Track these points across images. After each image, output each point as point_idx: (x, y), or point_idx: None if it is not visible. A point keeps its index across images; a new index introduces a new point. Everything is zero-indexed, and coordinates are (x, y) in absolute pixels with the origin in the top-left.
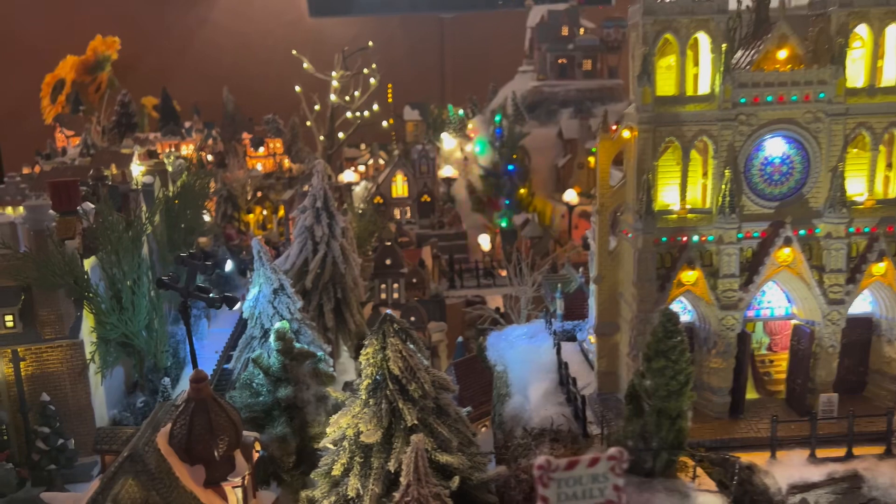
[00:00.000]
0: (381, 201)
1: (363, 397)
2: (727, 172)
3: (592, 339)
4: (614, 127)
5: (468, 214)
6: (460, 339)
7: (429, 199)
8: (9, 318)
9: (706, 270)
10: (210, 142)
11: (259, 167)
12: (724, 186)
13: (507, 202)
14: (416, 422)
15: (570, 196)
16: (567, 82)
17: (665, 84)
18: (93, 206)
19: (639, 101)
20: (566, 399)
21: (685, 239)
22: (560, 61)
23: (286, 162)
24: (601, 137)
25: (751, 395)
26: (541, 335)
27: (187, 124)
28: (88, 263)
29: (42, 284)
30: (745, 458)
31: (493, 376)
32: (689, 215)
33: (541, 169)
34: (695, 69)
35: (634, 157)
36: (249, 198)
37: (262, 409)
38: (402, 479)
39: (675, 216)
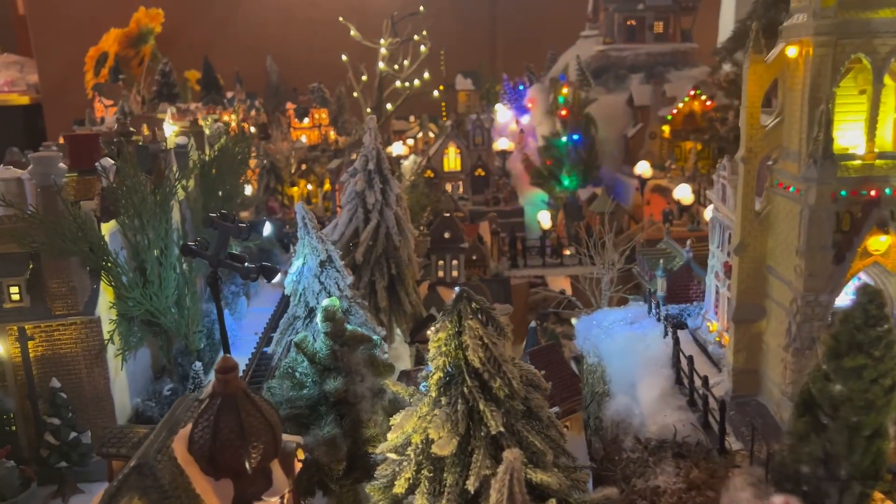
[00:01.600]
0: (433, 175)
1: (433, 395)
2: None
3: (712, 326)
4: (692, 93)
5: (525, 190)
6: (533, 324)
7: (483, 174)
8: (14, 289)
9: None
10: (253, 112)
11: (304, 139)
12: None
13: (571, 175)
14: (501, 429)
15: (643, 168)
16: (636, 46)
17: None
18: (113, 162)
19: (816, 4)
20: (688, 402)
21: (874, 192)
22: (629, 23)
23: (332, 134)
24: (752, 59)
25: None
26: (643, 321)
27: (229, 94)
28: (107, 228)
29: (51, 251)
30: None
31: (582, 369)
32: (879, 162)
33: (608, 139)
34: None
35: (804, 83)
36: (293, 170)
37: (307, 404)
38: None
39: (858, 163)
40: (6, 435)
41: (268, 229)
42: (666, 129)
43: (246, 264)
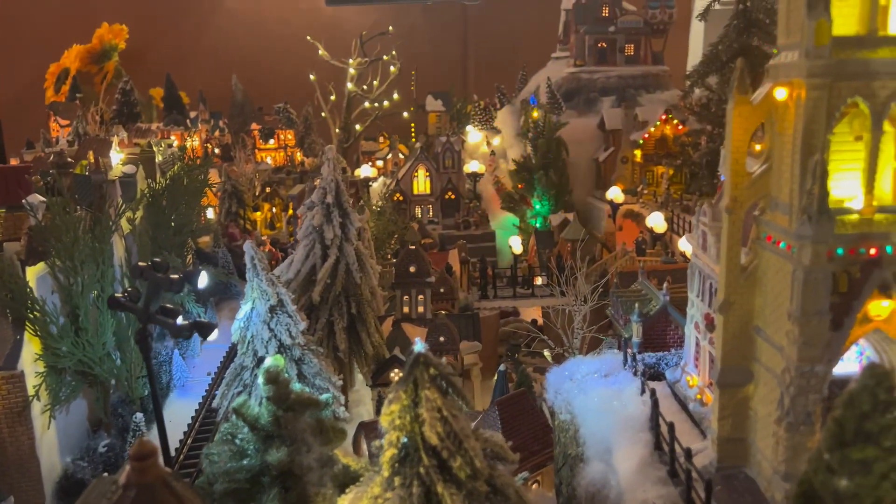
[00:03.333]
0: (402, 198)
1: (385, 475)
2: None
3: (692, 381)
4: (664, 116)
5: (496, 213)
6: (502, 367)
7: (453, 197)
8: None
9: None
10: (217, 133)
11: (269, 160)
12: None
13: (542, 200)
14: None
15: (615, 193)
16: (608, 68)
17: (842, 21)
18: (41, 198)
19: (809, 42)
20: (668, 472)
21: (874, 251)
22: (600, 45)
23: (298, 155)
24: (737, 101)
25: None
26: (619, 374)
27: (193, 114)
28: (34, 272)
29: None
30: None
31: (554, 424)
32: (879, 216)
33: (579, 163)
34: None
35: (796, 129)
36: (257, 193)
37: (247, 476)
38: None
39: (856, 218)
40: None
41: (203, 280)
42: (638, 153)
43: (179, 320)
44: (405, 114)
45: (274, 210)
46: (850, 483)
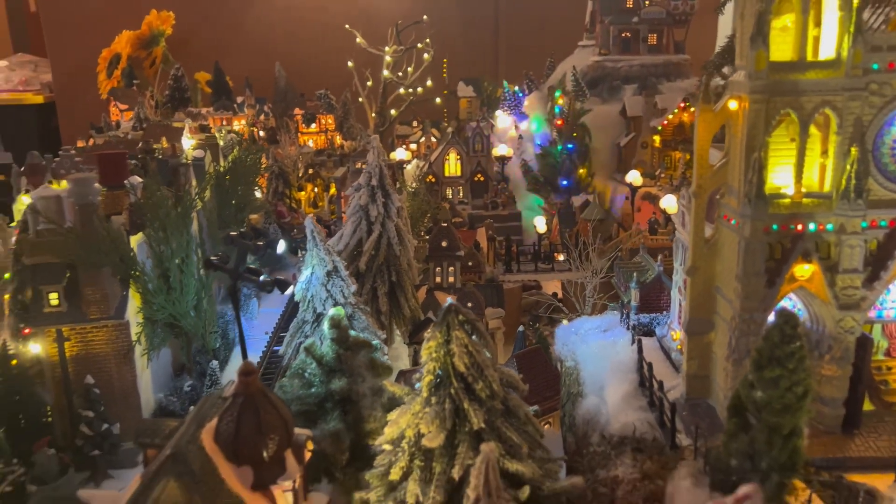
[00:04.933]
0: (434, 180)
1: (424, 395)
2: (853, 151)
3: (675, 335)
4: (682, 104)
5: (523, 195)
6: (521, 328)
7: (482, 179)
8: (53, 296)
9: (823, 264)
10: (262, 117)
11: (310, 143)
12: (848, 167)
13: (566, 182)
14: (482, 425)
15: (634, 177)
16: (630, 57)
17: (780, 48)
18: (140, 179)
19: (751, 67)
20: (648, 403)
21: (800, 227)
22: (624, 35)
23: (338, 139)
24: (702, 109)
25: (864, 406)
26: (616, 329)
27: (239, 99)
28: (135, 240)
29: (87, 262)
30: (863, 480)
31: (561, 371)
32: (805, 200)
33: (601, 148)
34: (815, 31)
35: (742, 133)
36: (301, 175)
37: (315, 401)
38: (469, 491)
39: (788, 201)
40: (44, 426)
41: (282, 246)
42: (657, 138)
43: (262, 277)
44: (438, 99)
45: (316, 190)
46: (764, 394)
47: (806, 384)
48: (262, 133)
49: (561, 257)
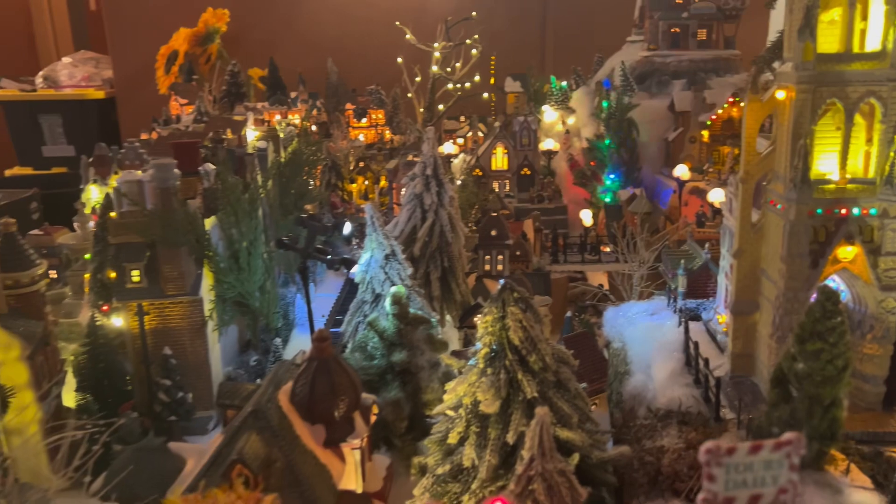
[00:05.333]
0: (481, 174)
1: (480, 366)
2: None
3: (721, 318)
4: (731, 99)
5: (569, 188)
6: (569, 313)
7: (529, 173)
8: (135, 273)
9: (866, 247)
10: (314, 112)
11: (361, 138)
12: (892, 154)
13: (613, 176)
14: (535, 394)
15: (681, 171)
16: (679, 52)
17: (828, 41)
18: (213, 167)
19: (798, 59)
20: (694, 380)
21: (844, 211)
22: (673, 30)
23: (387, 133)
24: (750, 99)
25: None
26: (663, 313)
27: (293, 94)
28: (208, 223)
29: (166, 242)
30: None
31: (608, 353)
32: (850, 186)
33: (649, 143)
34: (862, 24)
35: (789, 121)
36: (352, 167)
37: (377, 372)
38: (524, 452)
39: (832, 186)
40: (125, 393)
41: (347, 228)
42: (705, 133)
43: (329, 256)
44: (485, 94)
45: (366, 182)
46: (805, 366)
47: (846, 357)
48: (314, 127)
49: (607, 249)
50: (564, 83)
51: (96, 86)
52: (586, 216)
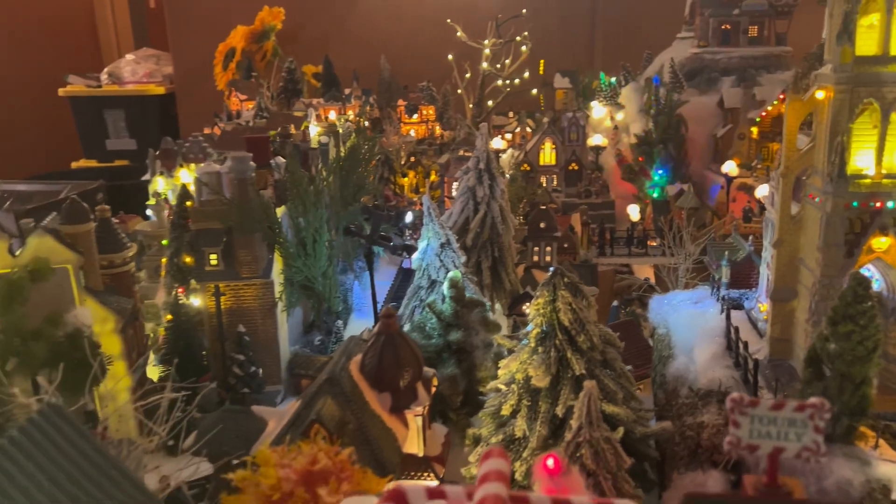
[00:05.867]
0: (529, 168)
1: (532, 345)
2: None
3: (762, 307)
4: (782, 96)
5: (616, 184)
6: (615, 303)
7: (576, 168)
8: (213, 256)
9: None
10: (367, 108)
11: (412, 133)
12: None
13: (661, 172)
14: (583, 371)
15: (730, 167)
16: (730, 49)
17: (865, 44)
18: (283, 160)
19: (836, 61)
20: (734, 363)
21: (879, 204)
22: (724, 27)
23: (437, 129)
24: (791, 98)
25: None
26: (706, 301)
27: (347, 91)
28: (279, 212)
29: (242, 228)
30: None
31: (654, 339)
32: (885, 181)
33: (698, 139)
34: None
35: (827, 119)
36: (403, 162)
37: (434, 350)
38: (572, 421)
39: (868, 181)
40: (202, 367)
41: (409, 217)
42: (754, 130)
43: (393, 243)
44: (534, 91)
45: (417, 177)
46: (837, 347)
47: (875, 339)
48: (366, 123)
49: (654, 243)
50: (613, 79)
51: (157, 82)
52: (634, 211)
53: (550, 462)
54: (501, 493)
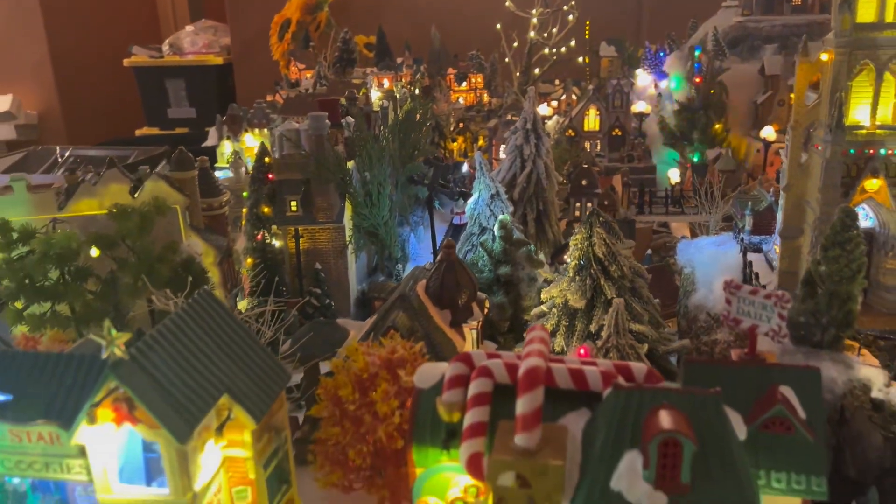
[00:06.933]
0: (573, 134)
1: (570, 275)
2: None
3: (777, 248)
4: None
5: (659, 149)
6: (649, 251)
7: (620, 133)
8: (293, 203)
9: (890, 181)
10: (418, 76)
11: (461, 101)
12: None
13: (702, 137)
14: (614, 296)
15: (768, 132)
16: (773, 17)
17: (864, 12)
18: (352, 120)
19: (837, 28)
20: None
21: (872, 151)
22: None
23: (485, 96)
24: (801, 61)
25: None
26: (728, 244)
27: (399, 60)
28: (350, 165)
29: (319, 179)
30: None
31: (680, 278)
32: (879, 131)
33: (739, 105)
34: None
35: (830, 78)
36: (453, 128)
37: (485, 283)
38: (603, 332)
39: (864, 131)
40: (283, 300)
41: (464, 168)
42: (792, 96)
43: (450, 190)
44: (580, 59)
45: (466, 142)
46: (827, 268)
47: (860, 262)
48: (417, 91)
49: (691, 204)
50: (658, 47)
51: (215, 52)
52: (674, 174)
53: (582, 350)
54: (543, 350)
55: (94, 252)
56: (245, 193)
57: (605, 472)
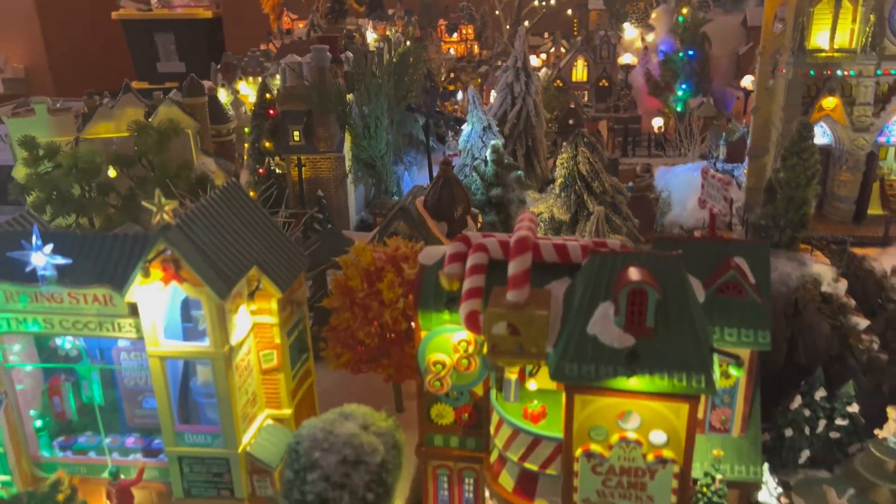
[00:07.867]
0: (561, 84)
1: (556, 192)
2: (872, 17)
3: (746, 171)
4: None
5: (644, 100)
6: (630, 183)
7: (607, 84)
8: (296, 133)
9: (845, 100)
10: (409, 28)
11: (452, 51)
12: (867, 29)
13: (685, 86)
14: (597, 209)
15: (748, 81)
16: None
17: None
18: (351, 55)
19: None
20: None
21: (829, 72)
22: None
23: (476, 48)
24: None
25: (876, 210)
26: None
27: (390, 11)
28: (349, 98)
29: (321, 109)
30: (859, 251)
31: (658, 203)
32: (836, 54)
33: (721, 56)
34: None
35: (794, 5)
36: (443, 78)
37: (478, 204)
38: (586, 237)
39: (824, 54)
40: (285, 223)
41: (459, 96)
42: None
43: (445, 117)
44: (569, 11)
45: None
46: (785, 175)
47: (814, 170)
48: (408, 42)
49: (674, 146)
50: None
51: (204, 6)
52: (657, 122)
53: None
54: (532, 227)
55: (112, 173)
56: (247, 130)
57: (582, 320)
